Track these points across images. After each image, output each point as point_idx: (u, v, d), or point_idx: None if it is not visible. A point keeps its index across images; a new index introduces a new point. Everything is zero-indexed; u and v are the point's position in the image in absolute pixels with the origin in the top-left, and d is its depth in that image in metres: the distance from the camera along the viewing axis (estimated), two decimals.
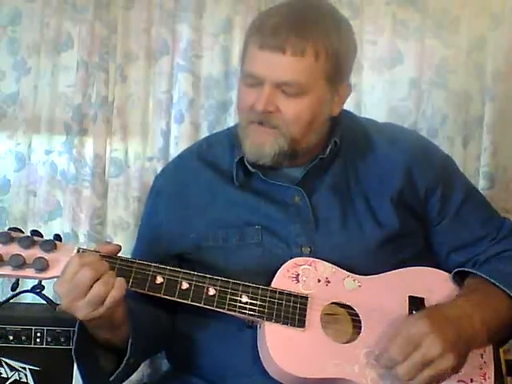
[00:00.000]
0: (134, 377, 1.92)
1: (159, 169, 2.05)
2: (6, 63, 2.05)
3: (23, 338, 1.69)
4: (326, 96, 1.31)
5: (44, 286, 1.17)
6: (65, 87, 2.06)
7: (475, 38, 2.13)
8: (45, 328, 1.70)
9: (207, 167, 1.41)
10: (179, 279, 1.20)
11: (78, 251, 1.17)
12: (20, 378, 1.69)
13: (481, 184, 2.12)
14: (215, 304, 1.20)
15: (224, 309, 1.20)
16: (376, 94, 2.12)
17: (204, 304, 1.19)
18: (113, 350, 1.25)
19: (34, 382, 1.69)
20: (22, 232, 1.17)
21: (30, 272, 1.13)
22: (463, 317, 1.20)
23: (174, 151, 2.07)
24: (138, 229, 1.54)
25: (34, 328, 1.70)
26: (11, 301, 1.84)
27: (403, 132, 1.54)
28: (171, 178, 1.47)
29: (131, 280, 1.17)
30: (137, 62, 2.08)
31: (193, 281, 1.20)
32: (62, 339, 1.70)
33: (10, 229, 1.17)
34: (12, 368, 1.69)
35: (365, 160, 1.39)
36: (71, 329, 1.69)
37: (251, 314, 1.20)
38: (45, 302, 1.84)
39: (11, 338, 1.69)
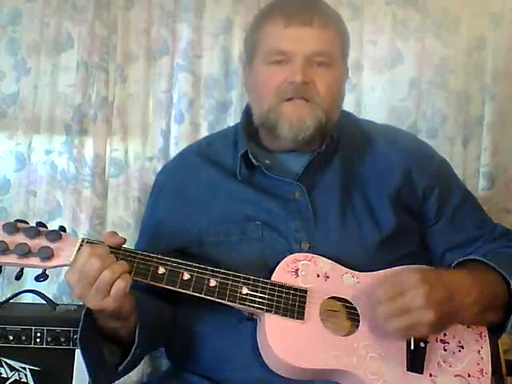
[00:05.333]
0: (134, 377, 1.94)
1: (159, 169, 2.05)
2: (6, 63, 2.05)
3: (23, 337, 1.69)
4: (343, 72, 1.40)
5: (48, 276, 1.18)
6: (65, 87, 2.06)
7: (475, 38, 2.13)
8: (45, 328, 1.70)
9: (208, 164, 1.43)
10: (181, 270, 1.21)
11: (83, 241, 1.19)
12: (20, 378, 1.69)
13: (481, 184, 2.12)
14: (216, 295, 1.21)
15: (224, 300, 1.21)
16: (376, 94, 2.12)
17: (205, 295, 1.21)
18: (118, 343, 1.27)
19: (34, 381, 1.69)
20: (27, 223, 1.19)
21: (34, 261, 1.15)
22: (463, 285, 1.22)
23: (174, 151, 2.07)
24: (140, 225, 1.55)
25: (33, 328, 1.70)
26: (11, 301, 1.85)
27: (402, 133, 1.57)
28: (173, 174, 1.49)
29: (133, 270, 1.19)
30: (137, 62, 2.08)
31: (194, 272, 1.21)
32: (62, 339, 1.70)
33: (15, 220, 1.18)
34: (12, 368, 1.69)
35: (364, 158, 1.41)
36: (71, 329, 1.69)
37: (251, 306, 1.21)
38: (45, 302, 1.84)
39: (11, 338, 1.68)
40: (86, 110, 2.06)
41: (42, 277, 1.17)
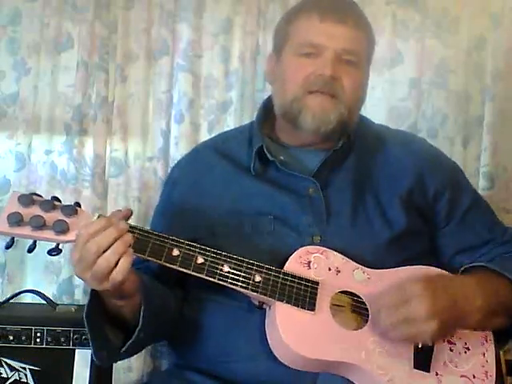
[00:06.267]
0: (134, 376, 1.94)
1: (159, 169, 2.06)
2: (6, 63, 2.05)
3: (23, 337, 1.69)
4: (367, 75, 1.42)
5: (61, 250, 1.17)
6: (65, 87, 2.06)
7: (475, 38, 2.13)
8: (45, 328, 1.70)
9: (222, 159, 1.44)
10: (195, 254, 1.22)
11: (98, 218, 1.17)
12: (20, 378, 1.69)
13: (481, 184, 2.12)
14: (229, 280, 1.22)
15: (237, 286, 1.22)
16: (376, 94, 2.12)
17: (218, 280, 1.21)
18: (122, 327, 1.27)
19: (34, 381, 1.69)
20: (42, 197, 1.18)
21: (49, 234, 1.14)
22: (466, 291, 1.24)
23: (174, 151, 2.08)
24: (152, 218, 1.56)
25: (33, 328, 1.70)
26: (11, 301, 1.85)
27: (414, 138, 1.61)
28: (187, 168, 1.51)
29: (148, 249, 1.19)
30: (137, 62, 2.08)
31: (208, 256, 1.22)
32: (62, 339, 1.70)
33: (31, 193, 1.17)
34: (12, 368, 1.69)
35: (377, 159, 1.43)
36: (71, 329, 1.70)
37: (263, 293, 1.22)
38: (45, 302, 1.84)
39: (11, 338, 1.68)
40: (85, 110, 2.05)
41: (54, 251, 1.16)
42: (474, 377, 1.23)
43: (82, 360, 1.69)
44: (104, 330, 1.26)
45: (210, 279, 1.21)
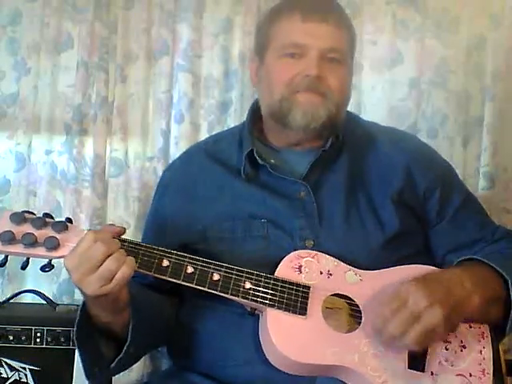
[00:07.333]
0: (134, 377, 1.94)
1: (159, 169, 2.06)
2: (6, 63, 2.06)
3: (23, 338, 1.69)
4: (351, 71, 1.42)
5: (53, 266, 1.18)
6: (65, 87, 2.06)
7: (475, 38, 2.14)
8: (45, 328, 1.70)
9: (214, 162, 1.44)
10: (185, 263, 1.22)
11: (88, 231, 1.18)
12: (20, 378, 1.69)
13: (481, 184, 2.12)
14: (219, 288, 1.21)
15: (227, 294, 1.21)
16: (376, 94, 2.13)
17: (208, 288, 1.21)
18: (113, 339, 1.27)
19: (34, 381, 1.69)
20: (34, 214, 1.19)
21: (41, 251, 1.15)
22: (453, 278, 1.23)
23: (174, 151, 2.08)
24: (145, 222, 1.55)
25: (33, 328, 1.70)
26: (11, 301, 1.85)
27: (404, 135, 1.59)
28: (178, 172, 1.50)
29: (138, 261, 1.19)
30: (137, 62, 2.09)
31: (198, 265, 1.22)
32: (62, 339, 1.70)
33: (22, 211, 1.19)
34: (12, 368, 1.69)
35: (367, 159, 1.42)
36: (71, 329, 1.69)
37: (254, 300, 1.21)
38: (45, 302, 1.84)
39: (11, 338, 1.69)
40: (86, 110, 2.06)
41: (47, 267, 1.18)
42: (470, 375, 1.22)
43: None
44: (97, 344, 1.25)
45: (201, 288, 1.21)
